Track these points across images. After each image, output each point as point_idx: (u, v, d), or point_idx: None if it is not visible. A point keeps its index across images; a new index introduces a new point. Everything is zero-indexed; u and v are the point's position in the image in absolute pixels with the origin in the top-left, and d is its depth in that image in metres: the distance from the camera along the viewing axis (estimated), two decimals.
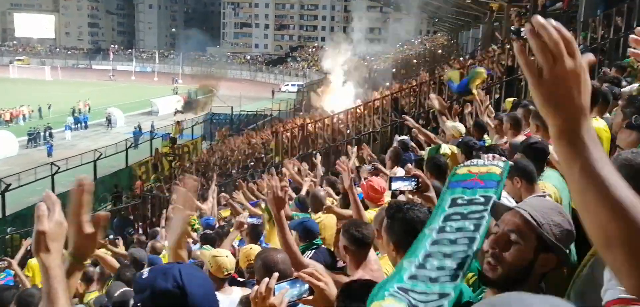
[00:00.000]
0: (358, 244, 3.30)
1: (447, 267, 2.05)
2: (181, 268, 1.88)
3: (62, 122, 45.44)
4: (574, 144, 1.17)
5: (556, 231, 1.92)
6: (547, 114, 1.19)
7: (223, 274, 4.37)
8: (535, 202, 2.03)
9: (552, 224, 1.92)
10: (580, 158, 1.16)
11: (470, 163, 2.54)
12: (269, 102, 51.10)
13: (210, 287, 1.91)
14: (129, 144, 31.45)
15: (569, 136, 1.17)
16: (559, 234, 1.92)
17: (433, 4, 38.30)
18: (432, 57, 42.10)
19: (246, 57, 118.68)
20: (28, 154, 37.44)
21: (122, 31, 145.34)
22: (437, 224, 2.23)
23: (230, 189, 15.82)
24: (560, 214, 1.99)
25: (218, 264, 4.37)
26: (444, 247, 2.12)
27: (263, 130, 30.61)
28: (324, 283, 2.22)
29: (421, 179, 3.13)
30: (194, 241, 8.50)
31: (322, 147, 16.67)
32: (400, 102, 16.79)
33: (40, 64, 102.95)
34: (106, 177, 25.68)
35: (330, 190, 7.82)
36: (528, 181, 3.79)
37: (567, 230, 1.95)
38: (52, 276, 1.70)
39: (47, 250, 1.71)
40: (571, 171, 1.18)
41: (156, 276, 1.88)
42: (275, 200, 3.30)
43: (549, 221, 1.93)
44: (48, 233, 1.73)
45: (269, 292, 2.16)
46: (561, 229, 1.93)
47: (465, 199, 2.27)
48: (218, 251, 4.59)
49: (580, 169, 1.16)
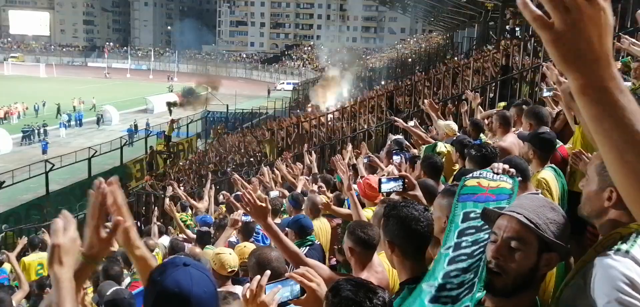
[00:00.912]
0: (364, 245, 3.28)
1: (467, 280, 2.05)
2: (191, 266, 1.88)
3: (56, 119, 45.32)
4: (600, 101, 1.03)
5: (553, 229, 1.90)
6: (567, 69, 1.04)
7: (226, 272, 4.38)
8: (526, 203, 2.01)
9: (549, 222, 1.91)
10: (611, 116, 1.03)
11: (480, 175, 2.53)
12: (264, 100, 51.06)
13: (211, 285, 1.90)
14: (123, 141, 31.39)
15: (594, 93, 1.03)
16: (556, 231, 1.91)
17: (429, 3, 38.36)
18: (427, 55, 42.21)
19: (242, 55, 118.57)
20: (22, 151, 37.31)
21: (117, 29, 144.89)
22: (452, 241, 2.22)
23: (225, 186, 15.82)
24: (553, 209, 1.98)
25: (221, 262, 4.38)
26: (462, 263, 2.12)
27: (258, 128, 30.60)
28: (315, 284, 2.22)
29: (407, 179, 3.16)
30: (188, 239, 8.49)
31: (317, 145, 16.70)
32: (395, 101, 16.81)
33: (35, 61, 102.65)
34: (100, 174, 25.61)
35: (325, 187, 7.84)
36: (521, 179, 3.79)
37: (563, 224, 1.94)
38: (62, 287, 1.79)
39: (61, 263, 1.82)
40: (601, 129, 1.04)
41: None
42: (257, 211, 3.30)
43: (544, 220, 1.91)
44: (62, 247, 1.83)
45: (260, 290, 2.16)
46: (557, 225, 1.92)
47: (478, 212, 2.24)
48: (221, 249, 4.60)
49: (611, 127, 1.03)
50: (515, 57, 15.85)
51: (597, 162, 2.25)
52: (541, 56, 14.97)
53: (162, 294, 1.79)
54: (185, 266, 1.85)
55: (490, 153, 4.09)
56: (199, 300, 1.77)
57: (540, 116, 5.27)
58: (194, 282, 1.79)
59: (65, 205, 21.45)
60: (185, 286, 1.78)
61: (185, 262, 1.88)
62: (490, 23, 29.49)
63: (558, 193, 4.17)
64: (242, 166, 20.54)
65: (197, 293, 1.78)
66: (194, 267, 1.85)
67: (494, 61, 15.81)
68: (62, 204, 21.46)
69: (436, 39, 51.18)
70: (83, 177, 24.72)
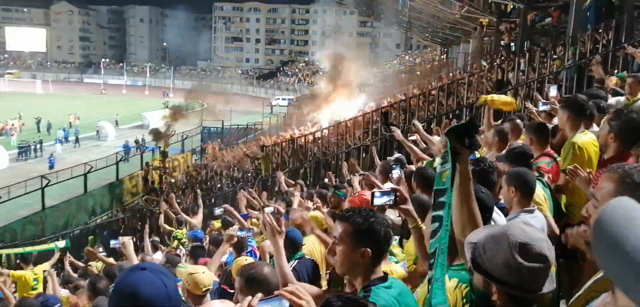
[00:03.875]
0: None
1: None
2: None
3: (52, 135, 45.22)
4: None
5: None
6: None
7: (201, 291, 4.32)
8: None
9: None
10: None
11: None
12: (260, 115, 51.11)
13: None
14: (119, 157, 31.31)
15: None
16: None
17: (423, 19, 38.56)
18: (422, 71, 42.34)
19: (237, 71, 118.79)
20: (18, 167, 37.19)
21: (113, 45, 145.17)
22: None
23: (220, 202, 15.79)
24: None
25: (195, 281, 4.33)
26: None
27: (252, 142, 30.61)
28: (305, 302, 2.23)
29: (399, 193, 3.20)
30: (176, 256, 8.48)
31: (312, 161, 16.73)
32: (389, 117, 16.85)
33: (31, 78, 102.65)
34: (96, 191, 25.54)
35: (320, 203, 7.85)
36: (523, 194, 3.82)
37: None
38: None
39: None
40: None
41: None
42: (274, 233, 3.46)
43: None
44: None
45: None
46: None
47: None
48: (194, 268, 4.52)
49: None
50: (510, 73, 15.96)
51: (612, 184, 2.27)
52: (536, 71, 15.09)
53: (116, 291, 2.06)
54: (142, 269, 2.06)
55: (488, 168, 4.13)
56: (146, 299, 1.95)
57: (541, 130, 5.31)
58: (143, 283, 1.98)
59: (62, 220, 21.44)
60: (134, 285, 1.98)
61: (144, 266, 2.09)
62: (485, 39, 29.64)
63: (549, 203, 4.21)
64: (237, 182, 20.53)
65: (144, 293, 1.96)
66: (150, 271, 2.04)
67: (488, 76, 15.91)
68: (58, 220, 21.42)
69: (431, 55, 51.36)
70: (79, 193, 24.66)
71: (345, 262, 2.60)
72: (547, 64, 14.73)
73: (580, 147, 4.68)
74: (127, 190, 27.22)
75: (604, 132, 4.27)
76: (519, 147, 4.80)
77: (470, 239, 2.21)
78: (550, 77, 13.89)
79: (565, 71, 13.85)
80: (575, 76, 13.12)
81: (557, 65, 14.70)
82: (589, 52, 13.03)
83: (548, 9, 21.81)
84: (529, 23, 22.27)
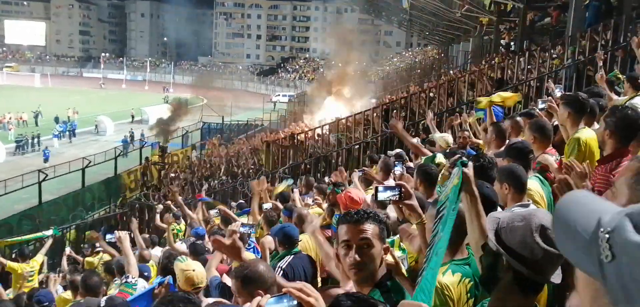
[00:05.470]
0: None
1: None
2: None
3: (50, 129, 45.14)
4: None
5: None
6: None
7: (191, 288, 4.26)
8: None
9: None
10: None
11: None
12: (260, 111, 51.03)
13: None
14: (118, 152, 31.27)
15: None
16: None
17: (423, 17, 38.52)
18: (422, 69, 42.34)
19: (238, 67, 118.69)
20: (14, 161, 37.13)
21: (113, 39, 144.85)
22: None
23: (219, 197, 15.77)
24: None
25: (186, 278, 4.28)
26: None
27: (253, 138, 30.52)
28: (313, 299, 2.18)
29: (404, 189, 3.16)
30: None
31: (312, 158, 16.70)
32: (390, 114, 16.83)
33: (30, 71, 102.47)
34: (94, 185, 25.45)
35: (320, 199, 7.82)
36: (516, 189, 3.79)
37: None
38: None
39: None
40: None
41: None
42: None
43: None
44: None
45: None
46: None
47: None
48: (187, 265, 4.45)
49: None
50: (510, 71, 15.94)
51: (629, 174, 2.25)
52: (535, 70, 15.08)
53: None
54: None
55: (488, 164, 4.11)
56: None
57: (544, 129, 5.29)
58: None
59: (58, 215, 21.37)
60: None
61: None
62: (484, 37, 29.65)
63: (545, 201, 4.19)
64: (236, 178, 20.50)
65: None
66: None
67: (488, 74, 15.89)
68: (54, 214, 21.34)
69: (431, 53, 51.35)
70: (77, 188, 24.57)
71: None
72: (547, 63, 14.71)
73: (585, 142, 4.73)
74: (126, 185, 27.18)
75: (601, 130, 4.27)
76: (519, 142, 4.78)
77: (494, 215, 2.28)
78: (550, 76, 13.88)
79: (565, 70, 13.85)
80: (574, 75, 13.12)
81: (555, 64, 14.69)
82: (588, 52, 13.01)
83: (547, 9, 21.80)
84: (528, 22, 22.28)
